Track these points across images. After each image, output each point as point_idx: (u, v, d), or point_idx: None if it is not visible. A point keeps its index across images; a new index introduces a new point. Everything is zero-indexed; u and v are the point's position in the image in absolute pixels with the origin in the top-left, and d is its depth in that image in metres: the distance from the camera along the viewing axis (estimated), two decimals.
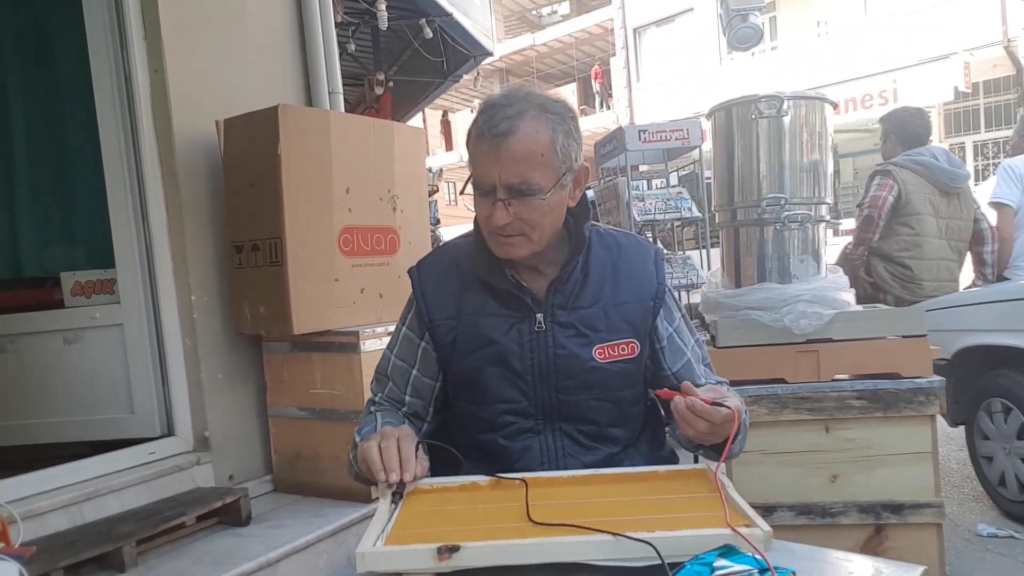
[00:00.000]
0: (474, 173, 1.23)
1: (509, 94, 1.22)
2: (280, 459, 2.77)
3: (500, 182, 1.19)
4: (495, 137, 1.17)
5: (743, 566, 0.82)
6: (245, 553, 2.18)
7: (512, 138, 1.17)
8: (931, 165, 3.47)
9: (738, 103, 2.42)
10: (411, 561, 0.89)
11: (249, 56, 2.92)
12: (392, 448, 1.12)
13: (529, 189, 1.19)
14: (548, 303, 1.29)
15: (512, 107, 1.19)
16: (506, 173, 1.18)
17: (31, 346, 2.86)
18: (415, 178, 3.06)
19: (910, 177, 3.46)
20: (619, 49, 19.06)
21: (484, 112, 1.21)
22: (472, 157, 1.22)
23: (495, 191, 1.20)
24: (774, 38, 15.93)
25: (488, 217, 1.23)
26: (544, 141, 1.19)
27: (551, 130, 1.20)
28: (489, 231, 1.26)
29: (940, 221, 3.48)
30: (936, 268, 3.47)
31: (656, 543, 0.87)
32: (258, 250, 2.58)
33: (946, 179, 3.46)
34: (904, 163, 3.51)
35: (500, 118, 1.18)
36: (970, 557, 2.79)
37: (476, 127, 1.21)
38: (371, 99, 5.77)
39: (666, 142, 5.45)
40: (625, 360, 1.31)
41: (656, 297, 1.34)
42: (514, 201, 1.20)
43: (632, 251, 1.37)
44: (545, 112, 1.20)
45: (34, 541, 2.03)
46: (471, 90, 18.61)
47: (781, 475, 2.27)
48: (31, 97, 3.12)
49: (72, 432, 2.81)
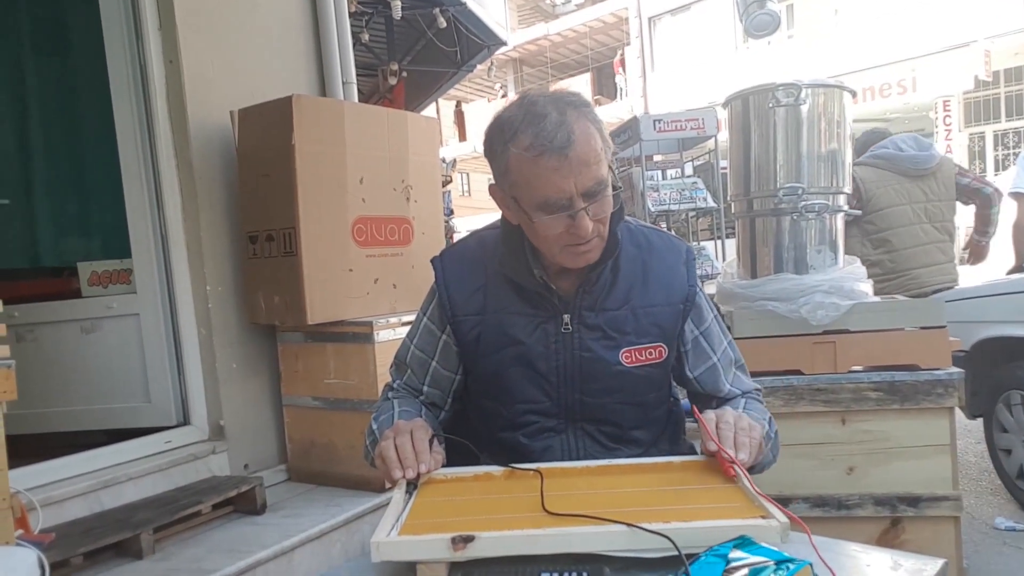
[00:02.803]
0: (539, 194, 1.13)
1: (535, 103, 1.15)
2: (294, 448, 2.79)
3: (578, 191, 1.12)
4: (560, 149, 1.10)
5: (759, 558, 0.81)
6: (260, 541, 2.19)
7: (575, 144, 1.10)
8: (890, 156, 3.44)
9: (755, 91, 2.39)
10: (426, 551, 0.89)
11: (263, 46, 2.92)
12: (407, 444, 1.11)
13: (604, 187, 1.14)
14: (576, 304, 1.26)
15: (551, 115, 1.12)
16: (583, 180, 1.12)
17: (49, 335, 2.90)
18: (429, 168, 3.06)
19: (869, 173, 3.43)
20: (633, 38, 18.93)
21: (526, 129, 1.12)
22: (532, 179, 1.13)
23: (572, 203, 1.13)
24: (791, 27, 15.73)
25: (565, 232, 1.15)
26: (595, 135, 1.14)
27: (590, 123, 1.15)
28: (562, 246, 1.18)
29: (916, 206, 3.42)
30: (924, 253, 3.41)
31: (672, 535, 0.86)
32: (272, 240, 2.59)
33: (909, 164, 3.41)
34: (865, 161, 3.49)
35: (553, 129, 1.10)
36: (987, 551, 2.77)
37: (528, 148, 1.11)
38: (385, 89, 5.76)
39: (681, 132, 5.42)
40: (651, 364, 1.28)
41: (686, 300, 1.30)
42: (591, 206, 1.14)
43: (664, 251, 1.32)
44: (576, 108, 1.15)
45: (53, 528, 2.05)
46: (485, 80, 18.58)
47: (797, 467, 2.25)
48: (47, 89, 3.14)
49: (90, 421, 2.85)
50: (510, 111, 1.17)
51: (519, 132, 1.13)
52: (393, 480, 1.08)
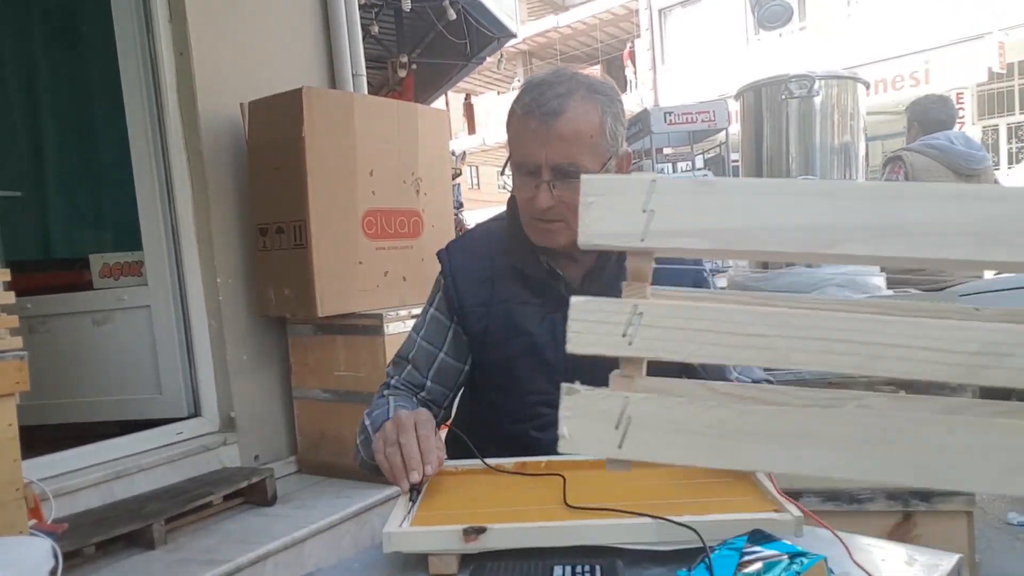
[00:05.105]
0: (517, 153, 1.17)
1: (557, 72, 1.17)
2: (304, 440, 2.80)
3: (547, 163, 1.13)
4: (544, 115, 1.11)
5: (773, 551, 0.80)
6: (271, 532, 2.20)
7: (562, 117, 1.11)
8: (946, 148, 3.40)
9: (768, 83, 2.38)
10: (437, 542, 0.89)
11: (273, 39, 2.92)
12: (412, 444, 1.05)
13: (577, 171, 1.12)
14: (583, 292, 1.25)
15: (561, 85, 1.13)
16: (554, 154, 1.12)
17: (62, 327, 2.91)
18: (439, 161, 3.05)
19: (922, 162, 3.40)
20: (644, 30, 18.83)
21: (530, 90, 1.15)
22: (515, 136, 1.16)
23: (539, 172, 1.14)
24: (803, 18, 15.61)
25: (529, 200, 1.17)
26: (594, 122, 1.14)
27: (600, 112, 1.14)
28: (529, 216, 1.20)
29: None
30: None
31: (697, 527, 0.85)
32: (282, 232, 2.60)
33: (962, 161, 3.39)
34: (917, 148, 3.45)
35: (549, 96, 1.12)
36: (1000, 546, 2.75)
37: (521, 105, 1.15)
38: (394, 82, 5.75)
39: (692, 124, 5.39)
40: None
41: (695, 287, 1.28)
42: (559, 184, 1.14)
43: None
44: (594, 93, 1.15)
45: (66, 518, 2.07)
46: (494, 72, 18.54)
47: None
48: (59, 82, 3.15)
49: (102, 412, 2.86)
50: (536, 75, 1.20)
51: (525, 91, 1.17)
52: (404, 490, 1.01)
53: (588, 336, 0.55)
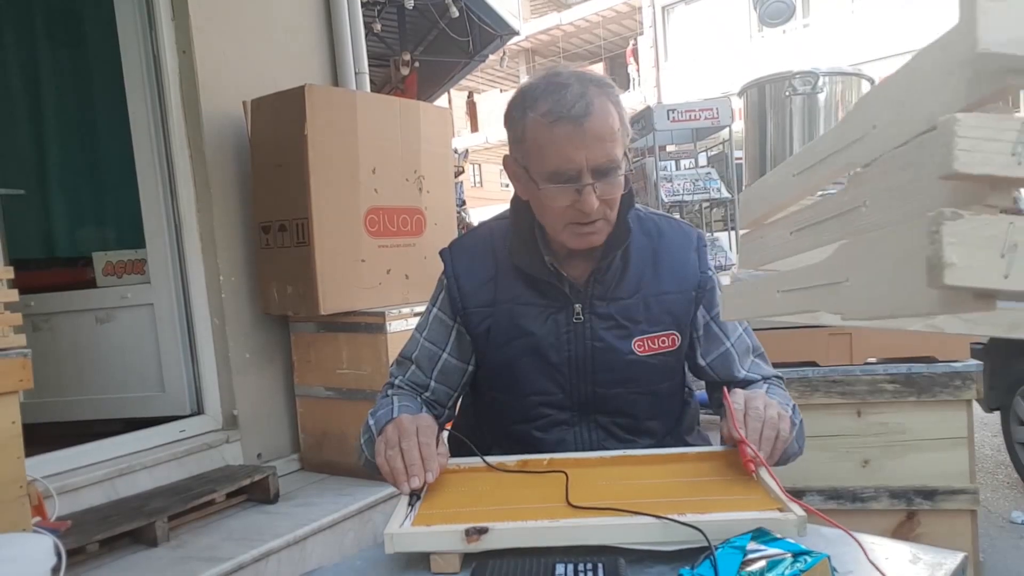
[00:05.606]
0: (550, 162, 1.12)
1: (559, 74, 1.14)
2: (307, 438, 2.80)
3: (587, 165, 1.10)
4: (575, 119, 1.08)
5: (776, 550, 0.80)
6: (273, 530, 2.21)
7: (592, 117, 1.09)
8: None
9: (771, 80, 2.37)
10: (439, 542, 0.89)
11: (276, 36, 2.92)
12: (413, 450, 1.06)
13: (615, 168, 1.12)
14: (587, 293, 1.24)
15: (573, 86, 1.11)
16: (593, 154, 1.10)
17: (65, 325, 2.92)
18: (441, 159, 3.05)
19: None
20: (647, 27, 18.79)
21: (546, 96, 1.11)
22: (544, 146, 1.12)
23: (580, 176, 1.11)
24: (806, 15, 15.56)
25: (569, 207, 1.13)
26: (614, 116, 1.13)
27: (614, 105, 1.14)
28: (566, 222, 1.16)
29: None
30: None
31: (701, 527, 0.85)
32: (285, 230, 2.60)
33: None
34: None
35: (572, 99, 1.09)
36: (1004, 545, 2.74)
37: (545, 113, 1.10)
38: (397, 79, 5.75)
39: (695, 121, 5.38)
40: (664, 353, 1.26)
41: (699, 287, 1.28)
42: (599, 183, 1.12)
43: (675, 238, 1.30)
44: (598, 86, 1.14)
45: (69, 515, 2.07)
46: (497, 70, 18.52)
47: (811, 459, 2.23)
48: (61, 80, 3.15)
49: (105, 409, 2.87)
50: (534, 81, 1.16)
51: (539, 99, 1.12)
52: (404, 492, 1.02)
53: (976, 155, 0.48)
